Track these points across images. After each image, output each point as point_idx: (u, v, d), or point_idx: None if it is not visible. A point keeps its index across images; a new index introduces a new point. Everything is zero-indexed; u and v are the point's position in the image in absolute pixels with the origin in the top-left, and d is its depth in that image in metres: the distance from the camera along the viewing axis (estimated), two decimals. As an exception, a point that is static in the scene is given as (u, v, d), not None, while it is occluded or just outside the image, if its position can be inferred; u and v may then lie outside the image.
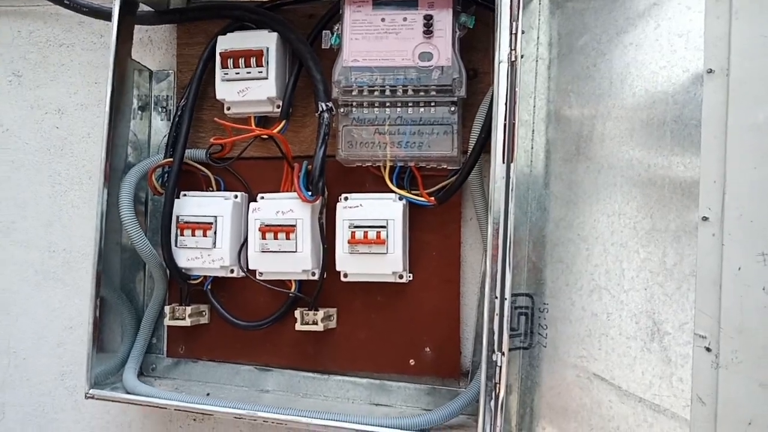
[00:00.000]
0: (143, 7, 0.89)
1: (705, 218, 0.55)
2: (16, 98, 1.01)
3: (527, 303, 0.71)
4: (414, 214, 0.82)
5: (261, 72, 0.81)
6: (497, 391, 0.67)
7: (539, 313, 0.70)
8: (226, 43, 0.83)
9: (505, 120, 0.67)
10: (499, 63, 0.68)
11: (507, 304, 0.67)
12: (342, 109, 0.79)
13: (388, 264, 0.77)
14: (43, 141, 0.99)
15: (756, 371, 0.51)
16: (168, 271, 0.85)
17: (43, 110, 0.99)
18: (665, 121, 0.59)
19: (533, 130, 0.72)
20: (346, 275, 0.80)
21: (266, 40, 0.82)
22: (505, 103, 0.68)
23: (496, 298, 0.67)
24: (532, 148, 0.72)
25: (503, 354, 0.67)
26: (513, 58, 0.68)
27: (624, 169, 0.62)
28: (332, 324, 0.83)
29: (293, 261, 0.79)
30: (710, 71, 0.56)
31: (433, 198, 0.78)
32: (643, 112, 0.61)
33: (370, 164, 0.81)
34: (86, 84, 0.98)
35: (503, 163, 0.67)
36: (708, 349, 0.54)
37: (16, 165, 1.00)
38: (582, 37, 0.68)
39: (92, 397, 0.78)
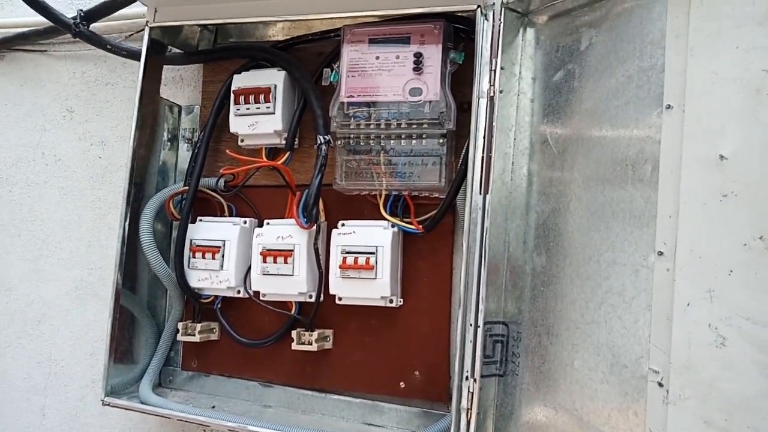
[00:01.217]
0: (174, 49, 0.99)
1: (660, 253, 0.55)
2: (68, 131, 1.13)
3: (503, 331, 0.72)
4: (408, 241, 0.85)
5: (269, 107, 0.88)
6: (468, 417, 0.68)
7: (513, 342, 0.71)
8: (240, 81, 0.91)
9: (483, 153, 0.70)
10: (479, 98, 0.71)
11: (480, 331, 0.68)
12: (339, 142, 0.84)
13: (376, 289, 0.81)
14: (88, 169, 1.11)
15: (701, 409, 0.50)
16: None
17: (89, 142, 1.11)
18: (628, 155, 0.60)
19: (513, 162, 0.74)
20: (340, 298, 0.84)
21: (275, 78, 0.89)
22: (483, 137, 0.70)
23: (470, 325, 0.69)
24: (511, 180, 0.74)
25: (475, 380, 0.68)
26: (492, 94, 0.71)
27: (590, 202, 0.63)
28: (328, 345, 0.87)
29: (291, 283, 0.84)
30: (669, 107, 0.56)
31: (421, 226, 0.81)
32: (608, 147, 0.62)
33: (366, 193, 0.85)
34: (126, 118, 1.09)
35: (480, 194, 0.70)
36: (660, 384, 0.53)
37: (65, 191, 1.12)
38: (557, 72, 0.70)
39: (108, 405, 0.85)
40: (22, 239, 1.14)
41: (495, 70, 0.71)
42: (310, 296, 0.86)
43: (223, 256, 0.88)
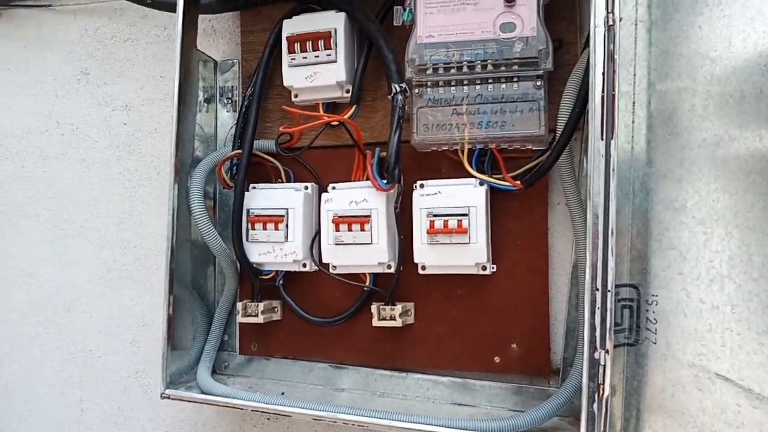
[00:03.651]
0: (206, -4, 0.87)
1: None
2: (84, 96, 1.01)
3: (632, 295, 0.63)
4: (495, 200, 0.76)
5: (329, 55, 0.77)
6: (601, 393, 0.60)
7: (647, 306, 0.63)
8: (292, 26, 0.80)
9: (603, 92, 0.61)
10: (595, 27, 0.61)
11: (610, 296, 0.60)
12: (416, 90, 0.74)
13: (470, 254, 0.72)
14: (112, 138, 0.99)
15: None
16: (239, 267, 0.83)
17: (110, 107, 0.99)
18: (802, 82, 0.51)
19: (634, 102, 0.64)
20: (424, 267, 0.75)
21: (334, 21, 0.78)
22: (603, 73, 0.61)
23: (597, 290, 0.60)
24: (633, 122, 0.64)
25: (607, 352, 0.60)
26: (611, 22, 0.61)
27: (749, 140, 0.54)
28: (410, 319, 0.78)
29: (368, 253, 0.75)
30: None
31: (518, 182, 0.72)
32: (772, 74, 0.53)
33: (446, 148, 0.75)
34: (152, 78, 0.97)
35: (602, 139, 0.60)
36: None
37: (87, 163, 1.00)
38: (692, -7, 0.60)
39: (168, 398, 0.76)
40: (40, 219, 1.03)
41: (613, -6, 0.61)
42: (389, 266, 0.76)
43: (287, 226, 0.78)
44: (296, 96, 0.82)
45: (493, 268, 0.75)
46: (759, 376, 0.53)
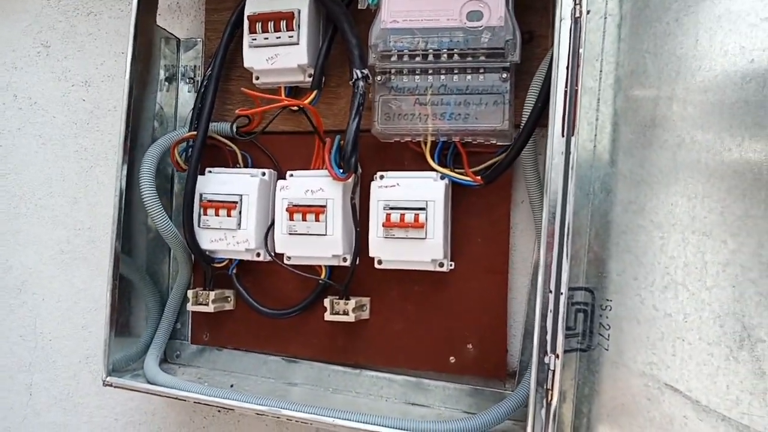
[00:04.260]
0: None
1: (817, 202, 0.44)
2: (43, 70, 0.97)
3: (586, 299, 0.61)
4: (457, 195, 0.73)
5: (291, 37, 0.74)
6: (549, 398, 0.58)
7: (601, 311, 0.61)
8: (255, 5, 0.76)
9: (566, 87, 0.58)
10: (561, 20, 0.58)
11: (563, 299, 0.58)
12: (379, 77, 0.71)
13: (427, 250, 0.69)
14: (70, 114, 0.95)
15: None
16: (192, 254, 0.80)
17: (70, 82, 0.95)
18: (767, 84, 0.48)
19: (599, 99, 0.62)
20: (380, 262, 0.73)
21: (298, 1, 0.75)
22: (567, 67, 0.58)
23: (550, 292, 0.58)
24: (597, 119, 0.62)
25: (557, 357, 0.58)
26: (577, 14, 0.58)
27: (711, 143, 0.52)
28: (365, 314, 0.76)
29: (323, 245, 0.72)
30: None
31: (479, 177, 0.69)
32: (737, 75, 0.51)
33: (409, 139, 0.73)
34: (113, 54, 0.93)
35: (563, 136, 0.58)
36: (817, 363, 0.44)
37: (43, 139, 0.97)
38: (662, -13, 0.57)
39: (110, 385, 0.73)
40: (-6, 196, 0.99)
41: (582, -14, 0.59)
42: (344, 259, 0.74)
43: (240, 213, 0.75)
44: (257, 78, 0.79)
45: (451, 265, 0.72)
46: (707, 388, 0.51)
